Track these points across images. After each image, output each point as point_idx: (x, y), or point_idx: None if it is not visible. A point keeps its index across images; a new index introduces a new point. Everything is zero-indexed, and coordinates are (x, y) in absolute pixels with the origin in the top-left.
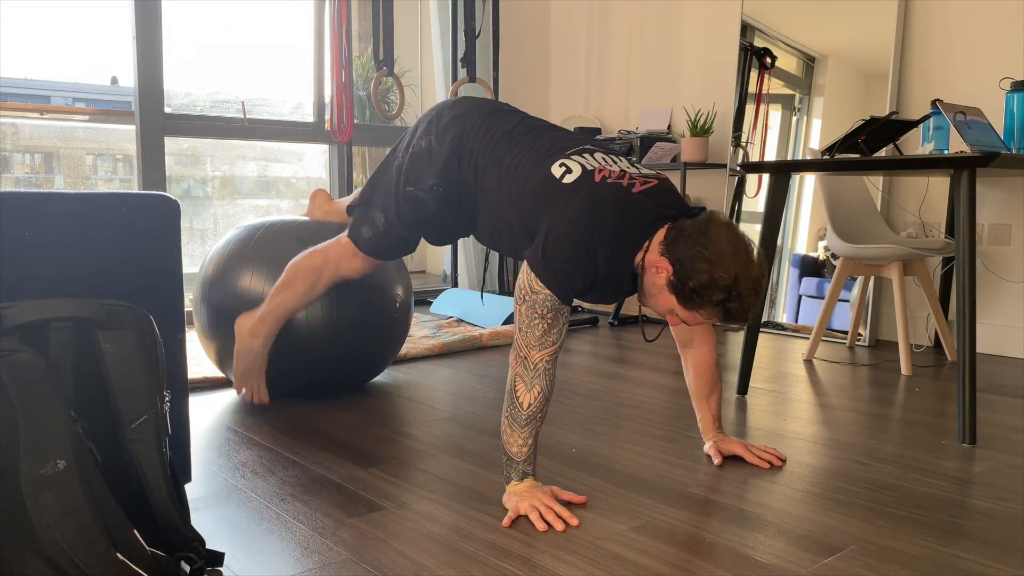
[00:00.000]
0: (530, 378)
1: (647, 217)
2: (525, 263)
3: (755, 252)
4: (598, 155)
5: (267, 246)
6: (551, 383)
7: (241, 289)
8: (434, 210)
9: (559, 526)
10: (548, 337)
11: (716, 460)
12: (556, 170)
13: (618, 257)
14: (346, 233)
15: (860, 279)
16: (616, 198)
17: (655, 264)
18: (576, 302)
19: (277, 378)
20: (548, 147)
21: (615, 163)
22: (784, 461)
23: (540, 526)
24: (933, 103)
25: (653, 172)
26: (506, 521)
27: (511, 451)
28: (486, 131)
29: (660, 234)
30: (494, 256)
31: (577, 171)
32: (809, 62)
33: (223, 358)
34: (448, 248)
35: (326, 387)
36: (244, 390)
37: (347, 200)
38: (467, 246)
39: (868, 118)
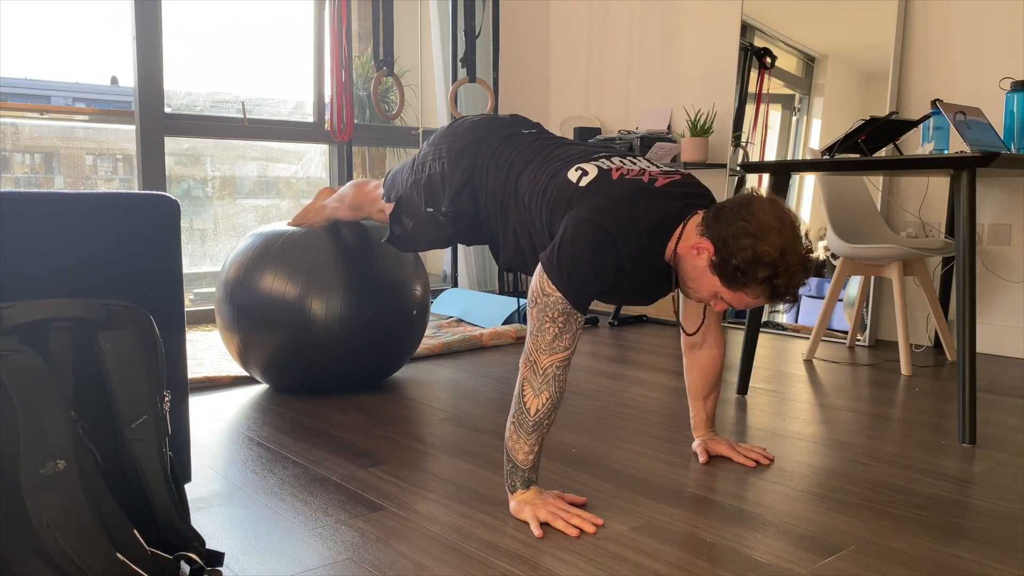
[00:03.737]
0: (538, 384)
1: (674, 206)
2: (539, 265)
3: (802, 228)
4: (615, 159)
5: (288, 251)
6: (560, 390)
7: (263, 289)
8: (451, 233)
9: (590, 528)
10: (559, 342)
11: (702, 458)
12: (572, 174)
13: (647, 252)
14: (384, 212)
15: (859, 280)
16: (636, 193)
17: (695, 246)
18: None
19: (293, 374)
20: (564, 158)
21: (634, 163)
22: (772, 460)
23: (572, 532)
24: (933, 103)
25: (675, 168)
26: (538, 531)
27: (516, 458)
28: (498, 161)
29: (695, 218)
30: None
31: (593, 172)
32: (809, 62)
33: (246, 350)
34: (448, 248)
35: (341, 384)
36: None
37: (340, 198)
38: (467, 247)
39: (868, 118)
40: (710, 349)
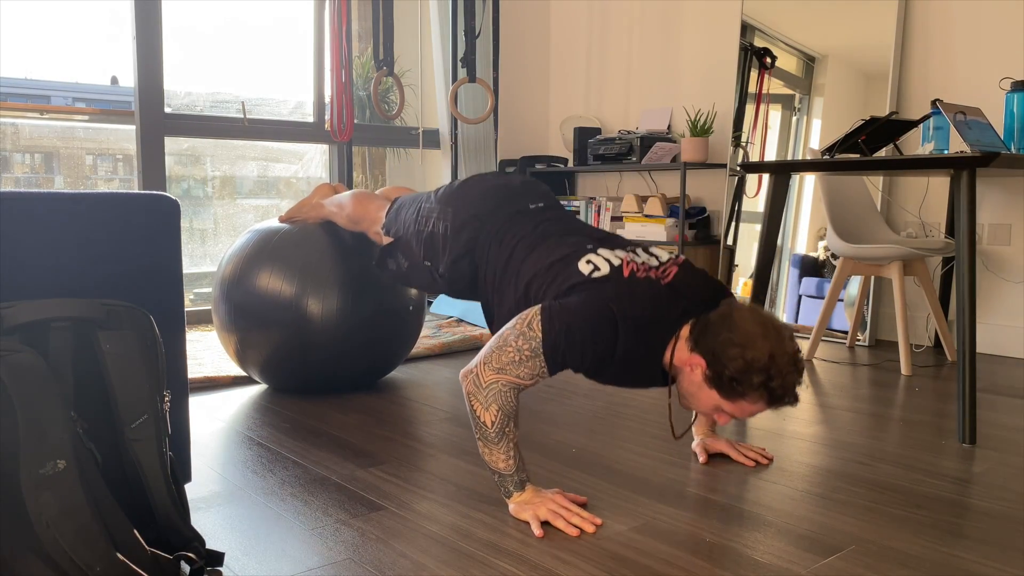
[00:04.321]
0: (483, 396)
1: (674, 312)
2: (540, 305)
3: (785, 328)
4: (618, 251)
5: (283, 249)
6: (511, 405)
7: (259, 287)
8: (445, 290)
9: (589, 528)
10: (513, 368)
11: (701, 458)
12: (583, 267)
13: (644, 346)
14: (380, 234)
15: (859, 280)
16: (648, 292)
17: (688, 362)
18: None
19: (290, 373)
20: (571, 248)
21: (637, 255)
22: (771, 460)
23: (572, 532)
24: (933, 103)
25: (671, 256)
26: (538, 531)
27: (499, 468)
28: (501, 240)
29: (685, 330)
30: None
31: (605, 268)
32: (809, 62)
33: (243, 350)
34: None
35: (337, 385)
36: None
37: (339, 205)
38: None
39: (868, 118)
40: None
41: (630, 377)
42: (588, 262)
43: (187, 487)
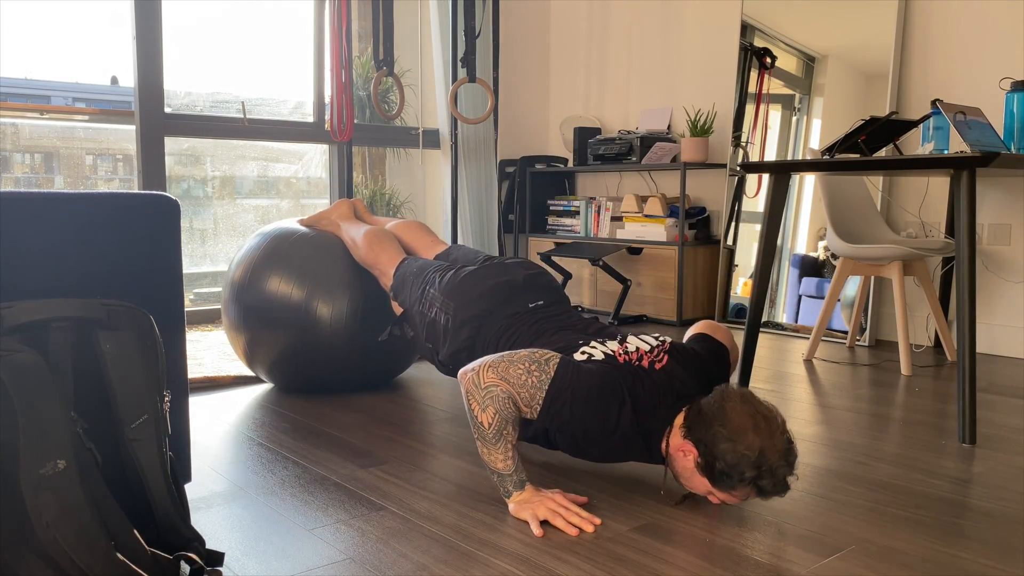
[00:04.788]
0: (481, 396)
1: (669, 398)
2: (560, 354)
3: (777, 419)
4: (610, 342)
5: (293, 253)
6: (508, 411)
7: (269, 291)
8: (445, 373)
9: (588, 528)
10: (516, 380)
11: None
12: (579, 358)
13: (641, 430)
14: (389, 286)
15: (859, 280)
16: (643, 378)
17: (681, 448)
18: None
19: (299, 375)
20: (563, 343)
21: (628, 344)
22: None
23: (571, 531)
24: (933, 103)
25: (658, 341)
26: (537, 531)
27: (497, 468)
28: (498, 341)
29: (679, 417)
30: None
31: (600, 357)
32: (809, 62)
33: (252, 349)
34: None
35: (346, 385)
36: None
37: (354, 242)
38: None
39: (868, 118)
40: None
41: (619, 452)
42: (583, 353)
43: (187, 487)
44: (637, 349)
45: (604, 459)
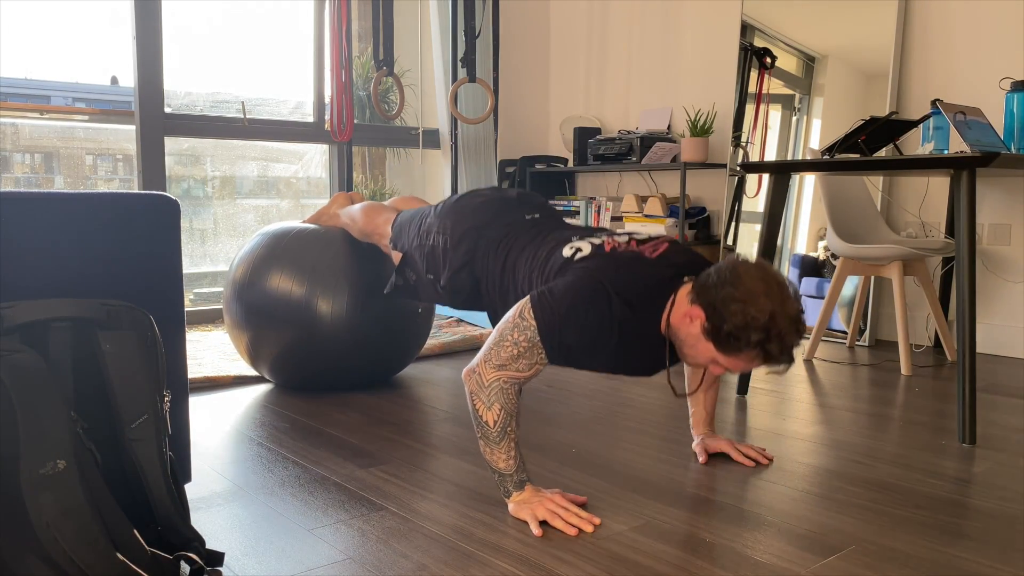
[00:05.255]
0: (486, 396)
1: (666, 274)
2: (527, 298)
3: (790, 287)
4: (602, 235)
5: (294, 251)
6: (511, 403)
7: (270, 288)
8: (448, 301)
9: (588, 528)
10: (513, 363)
11: (701, 458)
12: (566, 251)
13: (642, 320)
14: (392, 254)
15: (859, 280)
16: (632, 263)
17: (687, 313)
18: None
19: (301, 372)
20: (557, 240)
21: (619, 236)
22: (771, 460)
23: (570, 531)
24: (933, 103)
25: (658, 236)
26: (537, 531)
27: (499, 467)
28: (497, 249)
29: (685, 287)
30: None
31: (587, 248)
32: (809, 62)
33: (256, 347)
34: None
35: (347, 382)
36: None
37: (352, 218)
38: None
39: (868, 118)
40: None
41: (628, 353)
42: (571, 247)
43: (187, 487)
44: (632, 239)
45: (627, 366)
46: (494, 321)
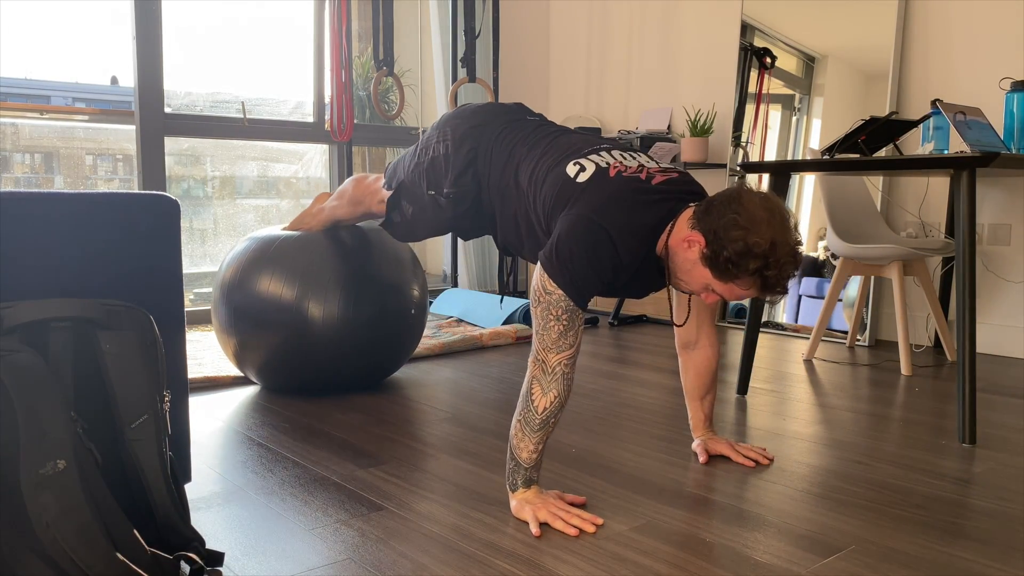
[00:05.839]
0: (547, 381)
1: (668, 201)
2: (539, 264)
3: (791, 219)
4: (615, 152)
5: (284, 253)
6: (568, 388)
7: (260, 292)
8: (451, 215)
9: (589, 528)
10: (564, 339)
11: (702, 458)
12: (571, 169)
13: (643, 247)
14: (384, 203)
15: (859, 280)
16: (632, 191)
17: (686, 239)
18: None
19: (290, 376)
20: (564, 149)
21: (633, 159)
22: (771, 460)
23: (572, 532)
24: (933, 103)
25: (673, 167)
26: (536, 531)
27: (520, 456)
28: (501, 145)
29: (687, 212)
30: (494, 254)
31: (591, 169)
32: (809, 62)
33: (242, 352)
34: (448, 248)
35: (339, 385)
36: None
37: (340, 193)
38: (467, 246)
39: (868, 118)
40: (704, 348)
41: (637, 279)
42: (575, 163)
43: (187, 487)
44: (641, 166)
45: (634, 286)
46: (493, 231)
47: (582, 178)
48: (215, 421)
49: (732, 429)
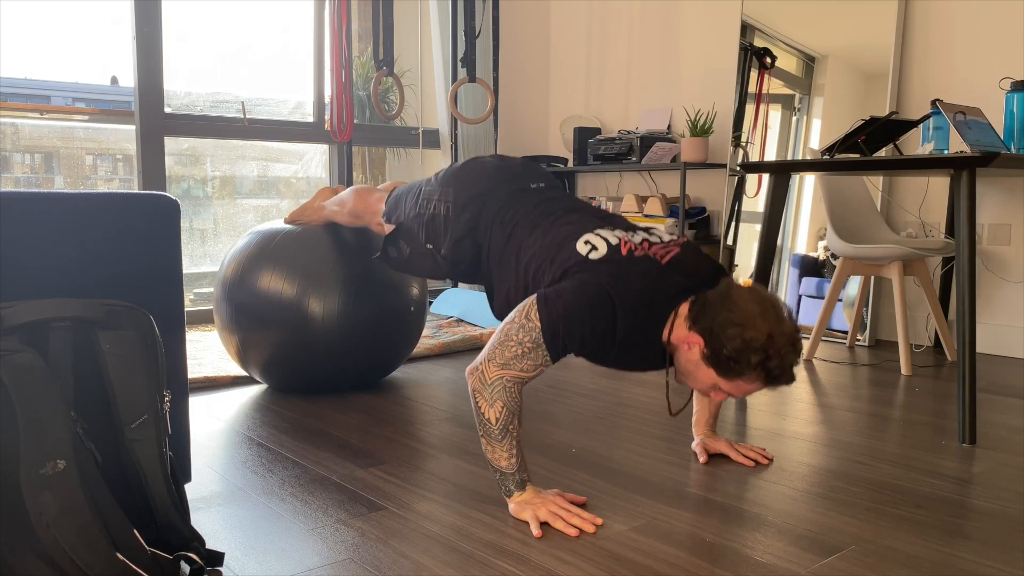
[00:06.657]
0: (488, 393)
1: (672, 290)
2: (535, 295)
3: (784, 308)
4: (618, 230)
5: (285, 250)
6: (514, 400)
7: (261, 288)
8: (448, 272)
9: (589, 528)
10: (517, 362)
11: (702, 458)
12: (581, 248)
13: (641, 328)
14: (382, 225)
15: (859, 280)
16: (644, 271)
17: (685, 340)
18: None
19: (292, 373)
20: (570, 228)
21: (636, 235)
22: (771, 460)
23: (572, 532)
24: (933, 103)
25: (673, 237)
26: (536, 531)
27: (501, 466)
28: (503, 219)
29: (684, 308)
30: None
31: (603, 248)
32: (809, 62)
33: (245, 350)
34: None
35: (338, 385)
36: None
37: (341, 202)
38: None
39: (868, 118)
40: None
41: (630, 359)
42: (586, 243)
43: (187, 487)
44: (645, 241)
45: (624, 366)
46: (489, 292)
47: (595, 256)
48: (215, 421)
49: (732, 429)
